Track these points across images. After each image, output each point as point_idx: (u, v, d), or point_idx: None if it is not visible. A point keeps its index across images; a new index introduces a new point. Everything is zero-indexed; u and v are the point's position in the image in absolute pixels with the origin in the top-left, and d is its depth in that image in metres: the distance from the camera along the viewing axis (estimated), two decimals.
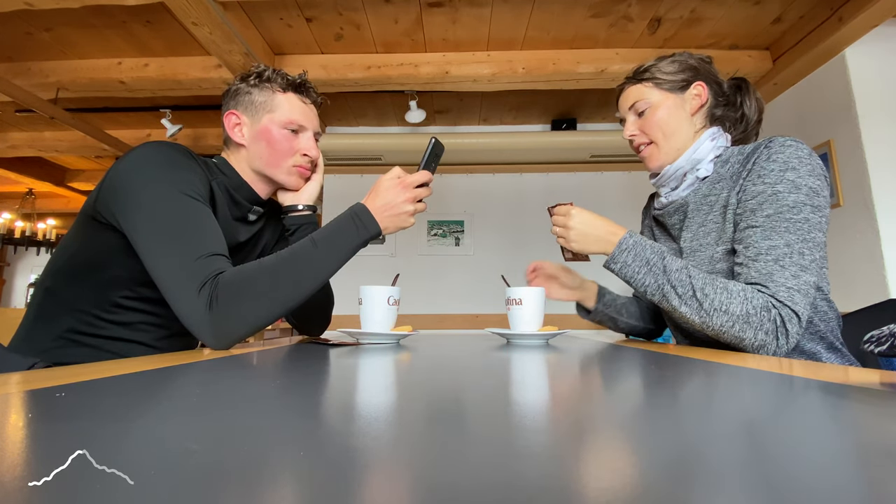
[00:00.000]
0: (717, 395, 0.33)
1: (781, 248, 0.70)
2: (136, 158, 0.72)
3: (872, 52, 2.10)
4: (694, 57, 0.89)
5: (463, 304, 3.17)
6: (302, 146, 0.89)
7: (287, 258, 0.71)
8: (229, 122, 0.87)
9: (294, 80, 0.89)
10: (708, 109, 0.87)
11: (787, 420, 0.25)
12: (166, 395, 0.31)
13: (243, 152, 0.88)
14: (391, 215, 0.81)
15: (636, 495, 0.14)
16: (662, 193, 0.93)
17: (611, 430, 0.23)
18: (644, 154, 0.91)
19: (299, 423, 0.24)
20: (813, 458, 0.18)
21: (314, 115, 0.93)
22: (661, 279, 0.75)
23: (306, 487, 0.15)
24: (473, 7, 2.14)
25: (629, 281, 0.80)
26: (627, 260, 0.79)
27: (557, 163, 3.17)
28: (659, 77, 0.87)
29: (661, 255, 0.77)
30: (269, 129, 0.86)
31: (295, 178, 0.91)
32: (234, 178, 0.87)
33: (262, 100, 0.87)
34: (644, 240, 0.80)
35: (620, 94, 0.95)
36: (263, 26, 2.25)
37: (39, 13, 2.09)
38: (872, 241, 1.99)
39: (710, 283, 0.72)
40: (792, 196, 0.71)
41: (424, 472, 0.16)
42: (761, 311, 0.68)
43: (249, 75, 0.88)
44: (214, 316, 0.64)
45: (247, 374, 0.42)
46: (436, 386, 0.37)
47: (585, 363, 0.54)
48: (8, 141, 3.48)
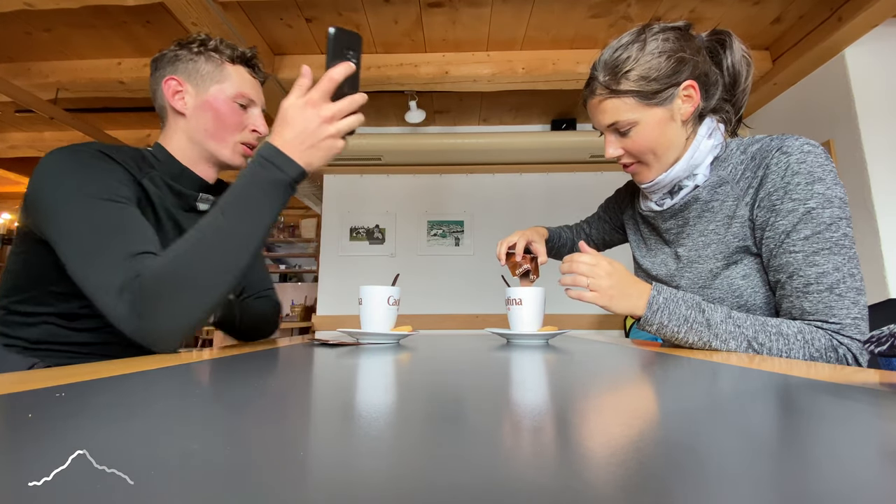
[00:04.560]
0: (718, 396, 0.33)
1: (832, 275, 0.63)
2: (43, 169, 0.66)
3: (872, 51, 2.10)
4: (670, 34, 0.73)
5: (463, 304, 3.17)
6: (252, 122, 0.84)
7: (196, 239, 0.61)
8: (168, 88, 0.79)
9: (244, 52, 0.84)
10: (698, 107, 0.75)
11: (787, 420, 0.25)
12: (166, 395, 0.31)
13: (182, 124, 0.81)
14: (309, 146, 0.65)
15: (636, 495, 0.14)
16: (654, 199, 0.84)
17: (611, 430, 0.23)
18: (632, 170, 0.81)
19: (299, 423, 0.24)
20: (813, 459, 0.18)
21: (261, 92, 0.87)
22: (707, 335, 0.67)
23: (306, 487, 0.15)
24: (473, 7, 2.14)
25: (670, 340, 0.72)
26: (663, 321, 0.70)
27: (557, 163, 3.17)
28: (639, 89, 0.72)
29: (698, 308, 0.68)
30: (218, 99, 0.80)
31: (239, 157, 0.84)
32: (173, 165, 0.80)
33: (209, 69, 0.80)
34: (675, 293, 0.71)
35: (589, 103, 0.79)
36: (263, 26, 2.25)
37: (39, 13, 2.09)
38: (872, 241, 1.99)
39: (762, 329, 0.65)
40: (827, 212, 0.64)
41: (423, 472, 0.16)
42: (827, 353, 0.62)
43: (192, 41, 0.81)
44: (142, 321, 0.59)
45: (246, 374, 0.42)
46: (436, 386, 0.37)
47: (585, 363, 0.54)
48: (8, 141, 3.48)
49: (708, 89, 0.75)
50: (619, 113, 0.74)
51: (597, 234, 1.16)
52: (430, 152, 3.00)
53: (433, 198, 3.32)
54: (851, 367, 0.54)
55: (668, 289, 0.72)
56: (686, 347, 0.71)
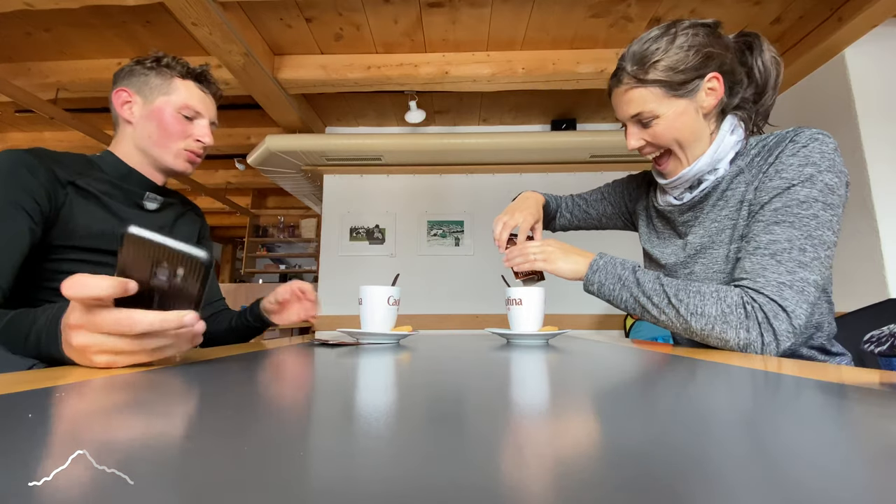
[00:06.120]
0: (717, 395, 0.33)
1: (781, 244, 0.66)
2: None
3: (872, 52, 2.10)
4: (699, 29, 0.73)
5: (463, 304, 3.18)
6: (196, 132, 0.90)
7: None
8: (118, 98, 0.87)
9: (194, 69, 0.91)
10: (721, 101, 0.76)
11: (787, 420, 0.25)
12: (166, 395, 0.31)
13: (129, 131, 0.88)
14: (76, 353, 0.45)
15: (636, 495, 0.14)
16: (674, 194, 0.85)
17: (611, 431, 0.23)
18: (661, 167, 0.82)
19: (299, 422, 0.24)
20: (812, 459, 0.18)
21: (212, 105, 0.94)
22: (636, 291, 0.74)
23: (306, 487, 0.15)
24: (473, 7, 2.14)
25: (609, 300, 0.79)
26: (602, 279, 0.79)
27: (557, 163, 3.18)
28: (667, 80, 0.73)
29: (632, 269, 0.77)
30: (163, 109, 0.87)
31: (182, 162, 0.91)
32: (120, 167, 0.87)
33: (158, 82, 0.87)
34: (614, 258, 0.79)
35: (615, 92, 0.80)
36: (263, 26, 2.25)
37: (39, 13, 2.09)
38: (872, 241, 1.99)
39: (684, 287, 0.70)
40: (805, 191, 0.66)
41: (423, 472, 0.16)
42: (737, 309, 0.65)
43: (146, 59, 0.88)
44: None
45: (246, 374, 0.42)
46: (436, 386, 0.37)
47: (585, 363, 0.54)
48: (8, 141, 3.48)
49: (732, 86, 0.76)
50: (644, 103, 0.76)
51: (595, 213, 1.13)
52: (430, 152, 3.00)
53: (433, 198, 3.32)
54: (851, 368, 0.54)
55: (610, 255, 0.81)
56: (624, 311, 0.79)
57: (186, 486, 0.14)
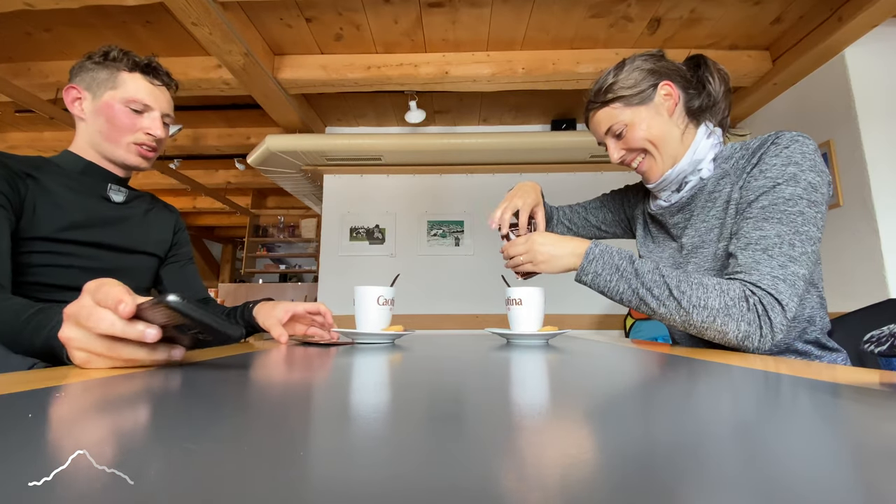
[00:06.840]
0: (717, 395, 0.33)
1: (771, 239, 0.68)
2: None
3: (872, 52, 2.10)
4: (646, 57, 0.85)
5: (463, 304, 3.17)
6: (145, 125, 0.89)
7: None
8: (69, 96, 0.87)
9: (141, 61, 0.89)
10: (683, 105, 0.83)
11: (786, 420, 0.25)
12: (166, 395, 0.31)
13: (83, 127, 0.89)
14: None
15: (636, 495, 0.14)
16: (662, 197, 0.89)
17: (611, 431, 0.23)
18: (642, 169, 0.87)
19: (298, 422, 0.24)
20: (812, 459, 0.18)
21: (164, 98, 0.92)
22: (635, 283, 0.73)
23: (306, 487, 0.15)
24: (473, 7, 2.14)
25: (603, 291, 0.78)
26: (598, 269, 0.77)
27: (557, 163, 3.18)
28: (624, 94, 0.83)
29: (629, 259, 0.76)
30: (111, 104, 0.86)
31: (134, 156, 0.90)
32: (78, 163, 0.88)
33: (104, 77, 0.87)
34: (611, 247, 0.78)
35: (589, 121, 0.91)
36: (263, 26, 2.25)
37: (39, 13, 2.09)
38: (872, 241, 1.99)
39: (685, 279, 0.70)
40: (789, 189, 0.69)
41: (422, 472, 0.16)
42: (739, 302, 0.66)
43: (96, 53, 0.88)
44: None
45: (244, 375, 0.42)
46: (436, 386, 0.37)
47: (585, 364, 0.54)
48: (8, 141, 3.48)
49: (687, 90, 0.84)
50: (611, 118, 0.85)
51: (594, 220, 1.16)
52: (430, 152, 3.00)
53: (433, 198, 3.32)
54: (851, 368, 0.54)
55: (605, 243, 0.80)
56: (620, 302, 0.77)
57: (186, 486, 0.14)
